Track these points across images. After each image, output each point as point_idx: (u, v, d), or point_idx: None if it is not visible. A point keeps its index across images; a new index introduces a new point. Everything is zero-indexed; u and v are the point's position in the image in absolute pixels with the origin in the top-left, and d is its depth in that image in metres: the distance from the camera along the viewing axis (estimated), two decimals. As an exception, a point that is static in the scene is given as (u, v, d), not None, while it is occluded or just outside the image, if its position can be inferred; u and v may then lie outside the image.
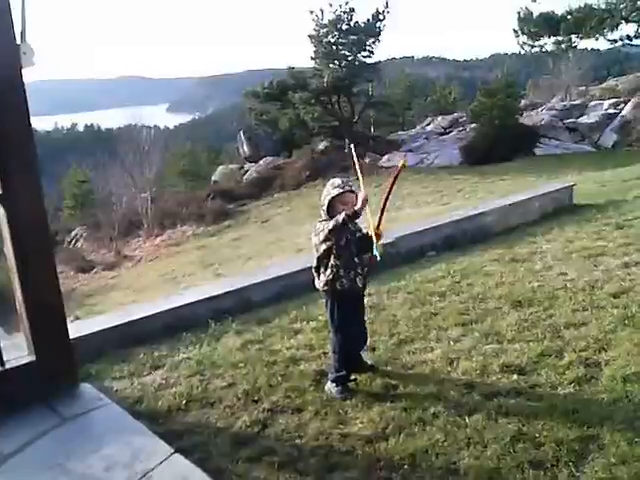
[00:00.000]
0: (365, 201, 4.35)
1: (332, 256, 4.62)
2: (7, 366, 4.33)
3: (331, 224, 4.42)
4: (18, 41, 4.01)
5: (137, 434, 4.01)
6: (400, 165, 4.55)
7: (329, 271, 4.65)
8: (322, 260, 4.67)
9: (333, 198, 4.57)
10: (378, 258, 4.35)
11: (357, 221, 4.61)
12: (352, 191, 4.58)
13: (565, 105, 36.67)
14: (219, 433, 4.30)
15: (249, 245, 22.73)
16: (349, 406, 4.51)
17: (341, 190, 4.56)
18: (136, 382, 5.22)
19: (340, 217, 4.38)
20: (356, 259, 4.70)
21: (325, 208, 4.61)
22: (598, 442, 3.81)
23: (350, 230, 4.62)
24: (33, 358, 4.41)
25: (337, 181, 4.67)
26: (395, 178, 4.47)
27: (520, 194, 12.01)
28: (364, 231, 4.67)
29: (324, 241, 4.55)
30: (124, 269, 29.00)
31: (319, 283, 4.75)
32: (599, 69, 62.80)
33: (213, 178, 42.89)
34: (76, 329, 5.67)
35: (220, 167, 44.69)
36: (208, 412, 4.62)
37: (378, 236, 4.44)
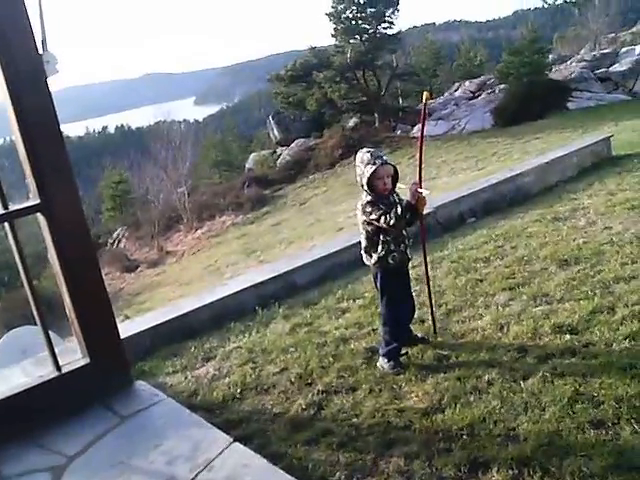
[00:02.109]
0: (417, 197, 4.41)
1: (381, 234, 4.60)
2: (63, 370, 4.40)
3: (391, 220, 4.39)
4: (40, 51, 4.04)
5: (195, 426, 4.06)
6: (425, 98, 4.59)
7: (380, 247, 4.63)
8: (372, 239, 4.66)
9: (370, 177, 4.53)
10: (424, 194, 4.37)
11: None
12: (385, 162, 4.53)
13: (595, 55, 35.86)
14: (276, 418, 4.32)
15: (289, 229, 22.78)
16: (402, 380, 4.49)
17: (374, 167, 4.49)
18: (189, 375, 5.26)
19: (397, 217, 4.39)
20: (404, 231, 4.69)
21: (366, 188, 4.57)
22: (659, 396, 3.74)
23: (398, 204, 4.57)
24: (87, 361, 4.48)
25: (366, 156, 4.56)
26: (424, 119, 4.50)
27: (556, 151, 11.80)
28: (404, 201, 4.60)
29: (375, 220, 4.53)
30: (168, 265, 29.34)
31: (371, 260, 4.73)
32: (627, 13, 61.12)
33: (247, 166, 43.04)
34: (126, 328, 5.76)
35: (252, 154, 44.82)
36: (263, 399, 4.65)
37: (422, 200, 4.45)
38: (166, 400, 4.46)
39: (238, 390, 4.82)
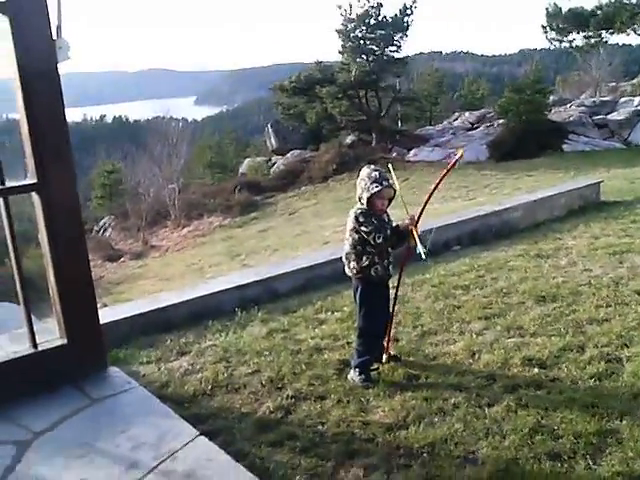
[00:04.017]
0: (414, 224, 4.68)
1: (367, 245, 4.71)
2: (39, 348, 4.44)
3: (379, 239, 4.62)
4: (54, 36, 4.12)
5: (163, 417, 4.11)
6: (459, 156, 4.74)
7: (365, 257, 4.75)
8: (356, 247, 4.77)
9: (372, 195, 4.66)
10: (424, 257, 4.47)
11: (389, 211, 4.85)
12: (390, 186, 4.71)
13: (594, 101, 36.19)
14: (243, 418, 4.39)
15: (275, 237, 22.81)
16: (371, 395, 4.58)
17: (380, 187, 4.65)
18: (163, 367, 5.33)
19: (385, 237, 4.63)
20: (389, 248, 4.82)
21: (364, 202, 4.71)
22: (616, 436, 3.84)
23: (387, 227, 4.76)
24: (64, 341, 4.52)
25: (374, 174, 4.72)
26: (449, 170, 4.68)
27: (546, 190, 11.98)
28: (394, 226, 4.81)
29: (365, 233, 4.66)
30: (151, 259, 29.25)
31: (352, 269, 4.84)
32: (630, 64, 61.88)
33: (240, 170, 43.04)
34: (106, 315, 5.78)
35: (247, 159, 44.82)
36: (233, 397, 4.71)
37: (416, 232, 4.65)
38: (137, 388, 4.50)
39: (209, 386, 4.89)
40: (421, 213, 4.82)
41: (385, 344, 5.07)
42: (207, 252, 24.84)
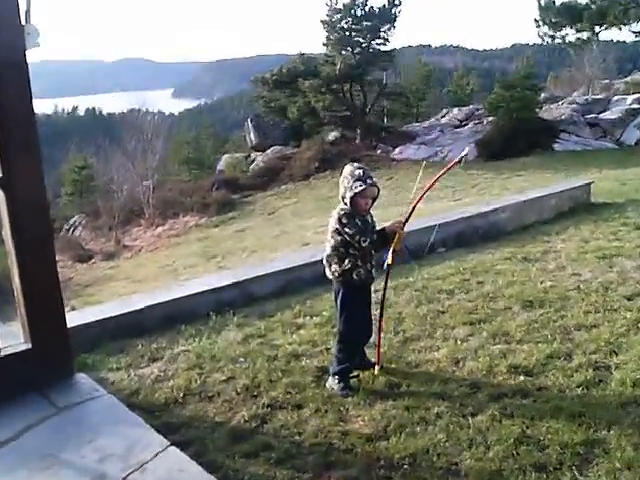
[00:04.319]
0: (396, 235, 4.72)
1: (350, 247, 4.72)
2: (2, 353, 4.42)
3: (364, 242, 4.64)
4: (22, 22, 4.08)
5: (133, 426, 4.10)
6: (464, 153, 4.78)
7: (347, 260, 4.75)
8: (338, 249, 4.77)
9: (356, 194, 4.66)
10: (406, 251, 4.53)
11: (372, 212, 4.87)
12: (374, 184, 4.70)
13: (587, 99, 36.46)
14: (216, 427, 4.38)
15: (253, 237, 22.77)
16: (350, 404, 4.59)
17: (364, 186, 4.64)
18: (133, 374, 5.30)
19: (371, 240, 4.67)
20: (372, 251, 4.82)
21: (348, 201, 4.69)
22: (604, 446, 3.88)
23: (371, 229, 4.78)
24: (29, 346, 4.50)
25: (358, 172, 4.71)
26: (449, 168, 4.72)
27: (536, 191, 12.07)
28: (380, 230, 4.83)
29: (349, 235, 4.66)
30: (123, 259, 29.11)
31: (333, 272, 4.84)
32: (624, 62, 62.52)
33: (218, 167, 42.98)
34: (73, 319, 5.75)
35: (225, 156, 44.79)
36: (206, 406, 4.70)
37: (401, 235, 4.73)
38: (106, 396, 4.49)
39: (181, 394, 4.87)
40: (410, 215, 4.82)
41: (376, 353, 5.07)
42: (182, 253, 24.76)
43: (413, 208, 4.86)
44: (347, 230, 4.65)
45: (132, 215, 36.09)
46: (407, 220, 4.81)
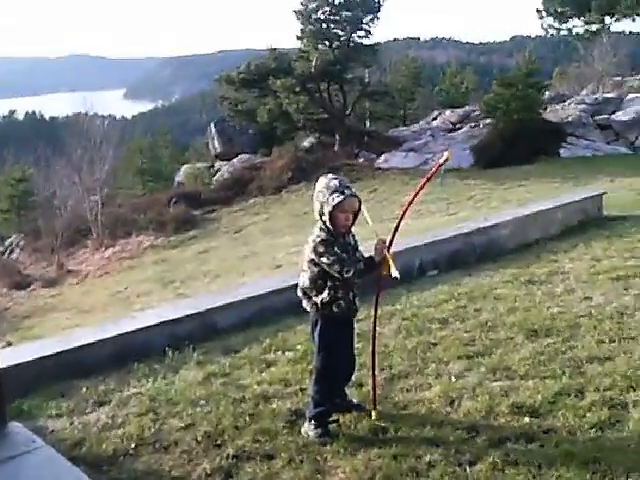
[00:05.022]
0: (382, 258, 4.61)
1: (328, 278, 4.66)
2: None
3: (348, 274, 4.56)
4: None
5: (75, 483, 4.03)
6: (444, 158, 4.73)
7: (326, 292, 4.69)
8: (316, 281, 4.71)
9: (334, 207, 4.58)
10: (398, 277, 4.45)
11: (354, 231, 4.82)
12: (354, 195, 4.62)
13: (597, 98, 36.87)
14: (173, 483, 4.33)
15: (217, 260, 22.75)
16: (329, 452, 4.53)
17: (343, 197, 4.55)
18: (77, 421, 5.23)
19: (354, 271, 4.58)
20: (356, 280, 4.76)
21: (327, 218, 4.60)
22: (622, 498, 3.87)
23: (354, 253, 4.73)
24: (-48, 391, 4.42)
25: (333, 183, 4.62)
26: (430, 177, 4.70)
27: (540, 203, 12.13)
28: (366, 258, 4.75)
29: (327, 265, 4.60)
30: (67, 286, 28.94)
31: (311, 305, 4.79)
32: (637, 56, 63.28)
33: (177, 179, 42.99)
34: (6, 357, 5.68)
35: (185, 166, 44.79)
36: (161, 458, 4.63)
37: (391, 258, 4.61)
38: (44, 448, 4.42)
39: (132, 444, 4.80)
40: (395, 232, 4.78)
41: (371, 394, 5.01)
42: (135, 278, 24.66)
43: (397, 226, 4.81)
44: (324, 260, 4.57)
45: (78, 235, 35.96)
46: (392, 240, 4.76)
